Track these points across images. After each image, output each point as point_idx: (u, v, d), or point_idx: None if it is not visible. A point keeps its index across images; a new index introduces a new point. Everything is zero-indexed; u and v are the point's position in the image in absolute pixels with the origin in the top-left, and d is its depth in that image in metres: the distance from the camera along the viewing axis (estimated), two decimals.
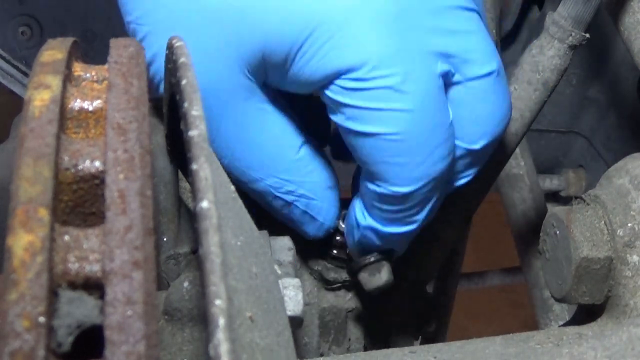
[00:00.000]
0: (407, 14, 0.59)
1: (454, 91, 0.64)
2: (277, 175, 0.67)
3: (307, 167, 0.68)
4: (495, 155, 0.78)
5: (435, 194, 0.65)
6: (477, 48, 0.62)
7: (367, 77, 0.59)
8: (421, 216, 0.67)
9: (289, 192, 0.68)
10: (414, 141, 0.61)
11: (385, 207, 0.66)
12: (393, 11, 0.59)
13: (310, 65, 0.60)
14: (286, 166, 0.67)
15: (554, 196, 1.25)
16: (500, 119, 0.66)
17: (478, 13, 0.63)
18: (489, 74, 0.63)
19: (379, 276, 0.73)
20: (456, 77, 0.63)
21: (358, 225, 0.70)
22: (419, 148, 0.61)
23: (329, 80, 0.60)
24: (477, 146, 0.65)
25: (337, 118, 0.62)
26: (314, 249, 0.76)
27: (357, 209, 0.70)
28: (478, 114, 0.64)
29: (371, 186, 0.65)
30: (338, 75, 0.59)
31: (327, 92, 0.61)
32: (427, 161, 0.62)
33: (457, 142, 0.65)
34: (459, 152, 0.66)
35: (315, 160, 0.69)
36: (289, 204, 0.69)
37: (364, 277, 0.74)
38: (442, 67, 0.61)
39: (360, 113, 0.60)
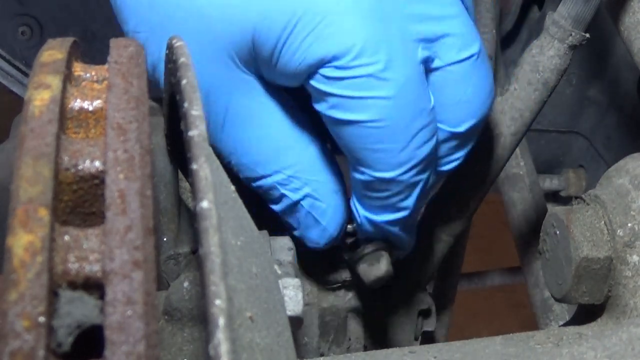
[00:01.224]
0: (388, 1, 0.60)
1: (435, 76, 0.64)
2: (283, 171, 0.67)
3: (315, 166, 0.68)
4: (495, 154, 0.78)
5: (421, 179, 0.66)
6: (457, 32, 0.63)
7: (350, 66, 0.60)
8: (410, 202, 0.67)
9: (295, 190, 0.68)
10: (395, 127, 0.62)
11: (373, 194, 0.67)
12: (374, 1, 0.59)
13: (296, 57, 0.60)
14: (293, 162, 0.67)
15: (554, 196, 1.25)
16: (483, 100, 0.67)
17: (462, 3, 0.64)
18: (469, 57, 0.64)
19: (378, 266, 0.73)
20: (436, 62, 0.64)
21: (356, 218, 0.71)
22: (400, 134, 0.62)
23: (313, 70, 0.61)
24: (461, 129, 0.66)
25: (320, 107, 0.63)
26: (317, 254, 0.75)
27: (352, 202, 0.71)
28: (460, 97, 0.65)
29: (357, 175, 0.66)
30: (322, 64, 0.60)
31: (311, 82, 0.62)
32: (410, 146, 0.63)
33: (441, 126, 0.66)
34: (443, 136, 0.66)
35: (323, 161, 0.69)
36: (294, 202, 0.69)
37: (363, 268, 0.74)
38: (422, 53, 0.62)
39: (343, 101, 0.61)
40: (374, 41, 0.59)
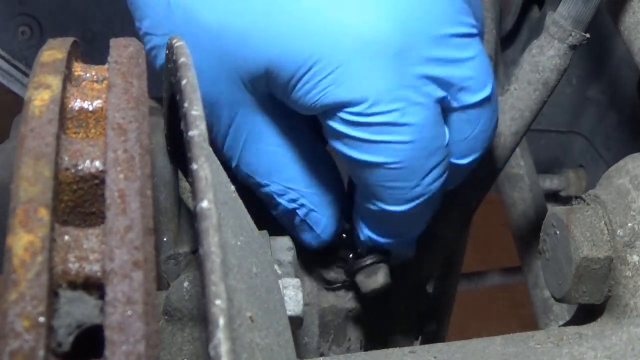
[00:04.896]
0: (406, 48, 0.59)
1: (447, 115, 0.65)
2: (280, 182, 0.68)
3: (312, 179, 0.69)
4: (495, 154, 0.78)
5: (429, 209, 0.68)
6: (472, 75, 0.63)
7: (366, 113, 0.60)
8: (416, 229, 0.71)
9: (291, 200, 0.69)
10: (411, 168, 0.63)
11: (381, 223, 0.69)
12: (393, 47, 0.59)
13: (309, 96, 0.60)
14: (290, 175, 0.68)
15: (554, 196, 1.25)
16: (489, 136, 0.68)
17: (477, 34, 0.64)
18: (482, 99, 0.65)
19: (376, 278, 0.74)
20: (450, 103, 0.64)
21: (358, 235, 0.72)
22: (416, 173, 0.63)
23: (329, 110, 0.61)
24: (464, 161, 0.68)
25: (336, 145, 0.63)
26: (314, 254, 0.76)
27: (355, 220, 0.72)
28: (468, 134, 0.66)
29: (367, 204, 0.67)
30: (337, 107, 0.60)
31: (328, 122, 0.62)
32: (423, 183, 0.64)
33: None
34: None
35: (320, 173, 0.70)
36: (290, 210, 0.70)
37: (360, 279, 0.74)
38: (439, 93, 0.62)
39: (360, 144, 0.61)
40: (390, 89, 0.59)
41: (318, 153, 0.69)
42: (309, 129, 0.69)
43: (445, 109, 0.64)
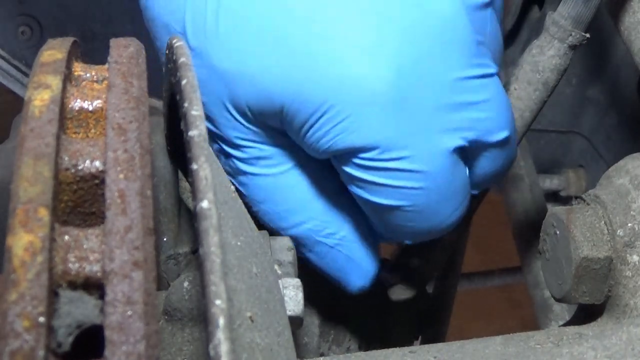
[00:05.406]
0: (417, 97, 0.59)
1: (467, 154, 0.64)
2: (317, 217, 0.67)
3: (349, 209, 0.68)
4: None
5: (443, 235, 0.69)
6: (491, 117, 0.62)
7: (379, 159, 0.60)
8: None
9: (330, 235, 0.68)
10: (428, 211, 0.63)
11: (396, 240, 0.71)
12: (400, 97, 0.59)
13: (322, 142, 0.60)
14: (326, 208, 0.67)
15: (554, 196, 1.25)
16: (505, 171, 0.69)
17: (494, 74, 0.63)
18: (502, 140, 0.64)
19: (408, 291, 0.80)
20: (470, 145, 0.63)
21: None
22: (435, 215, 0.64)
23: (343, 156, 0.61)
24: (477, 191, 0.69)
25: (353, 189, 0.63)
26: None
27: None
28: (487, 172, 0.67)
29: (385, 234, 0.69)
30: (351, 153, 0.60)
31: (343, 167, 0.62)
32: (440, 224, 0.65)
33: None
34: None
35: (347, 205, 0.68)
36: (331, 247, 0.68)
37: (395, 291, 0.79)
38: (455, 142, 0.61)
39: (376, 188, 0.61)
40: (400, 137, 0.59)
41: (338, 185, 0.68)
42: (325, 163, 0.68)
43: (464, 149, 0.63)
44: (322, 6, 0.58)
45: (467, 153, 0.64)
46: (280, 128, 0.63)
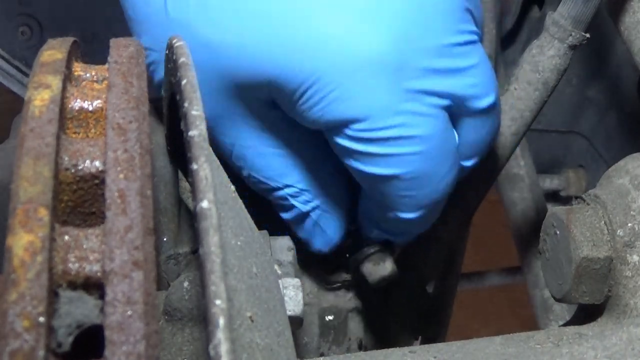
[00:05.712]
0: (404, 63, 0.59)
1: (454, 121, 0.65)
2: (295, 184, 0.68)
3: (325, 181, 0.69)
4: (495, 154, 0.78)
5: (440, 209, 0.69)
6: (476, 82, 0.63)
7: (372, 128, 0.60)
8: (426, 226, 0.71)
9: (305, 202, 0.69)
10: (426, 176, 0.63)
11: (393, 226, 0.70)
12: (391, 63, 0.58)
13: (312, 112, 0.60)
14: (302, 177, 0.68)
15: (554, 196, 1.25)
16: (491, 141, 0.69)
17: (478, 40, 0.64)
18: (487, 106, 0.65)
19: (384, 266, 0.75)
20: (457, 110, 0.64)
21: (365, 231, 0.73)
22: (430, 180, 0.63)
23: (334, 127, 0.61)
24: (468, 163, 0.68)
25: (347, 161, 0.63)
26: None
27: (363, 222, 0.73)
28: (473, 138, 0.67)
29: (378, 211, 0.68)
30: (343, 124, 0.60)
31: (335, 138, 0.62)
32: (438, 189, 0.64)
33: None
34: None
35: (327, 175, 0.70)
36: (304, 213, 0.70)
37: (368, 267, 0.75)
38: (444, 102, 0.62)
39: (370, 158, 0.61)
40: (392, 105, 0.59)
41: (322, 155, 0.69)
42: (311, 133, 0.69)
43: (452, 115, 0.64)
44: None
45: (455, 119, 0.64)
46: (268, 99, 0.63)
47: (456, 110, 0.64)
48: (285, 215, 0.71)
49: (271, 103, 0.64)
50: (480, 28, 0.66)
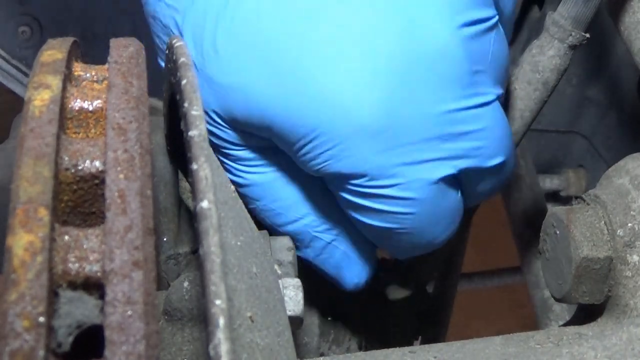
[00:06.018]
0: (406, 128, 0.59)
1: (460, 178, 0.64)
2: (313, 213, 0.67)
3: (340, 209, 0.67)
4: None
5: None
6: (482, 145, 0.62)
7: (368, 185, 0.60)
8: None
9: (327, 230, 0.68)
10: (420, 233, 0.64)
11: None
12: (392, 127, 0.58)
13: (313, 164, 0.61)
14: (323, 205, 0.67)
15: (554, 196, 1.25)
16: (499, 189, 0.69)
17: (494, 100, 0.62)
18: (494, 166, 0.64)
19: (405, 290, 0.80)
20: (462, 172, 0.63)
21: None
22: (425, 236, 0.64)
23: (333, 179, 0.62)
24: (471, 205, 0.69)
25: (347, 210, 0.64)
26: None
27: None
28: (480, 191, 0.67)
29: (384, 249, 0.69)
30: (342, 178, 0.61)
31: (335, 189, 0.63)
32: (431, 243, 0.66)
33: None
34: None
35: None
36: (328, 243, 0.68)
37: (392, 290, 0.80)
38: (445, 171, 0.61)
39: (367, 212, 0.62)
40: (388, 167, 0.59)
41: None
42: None
43: (456, 175, 0.63)
44: (315, 31, 0.58)
45: (461, 177, 0.64)
46: (269, 139, 0.63)
47: (460, 173, 0.63)
48: (307, 252, 0.69)
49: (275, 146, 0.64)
50: (501, 81, 0.64)
